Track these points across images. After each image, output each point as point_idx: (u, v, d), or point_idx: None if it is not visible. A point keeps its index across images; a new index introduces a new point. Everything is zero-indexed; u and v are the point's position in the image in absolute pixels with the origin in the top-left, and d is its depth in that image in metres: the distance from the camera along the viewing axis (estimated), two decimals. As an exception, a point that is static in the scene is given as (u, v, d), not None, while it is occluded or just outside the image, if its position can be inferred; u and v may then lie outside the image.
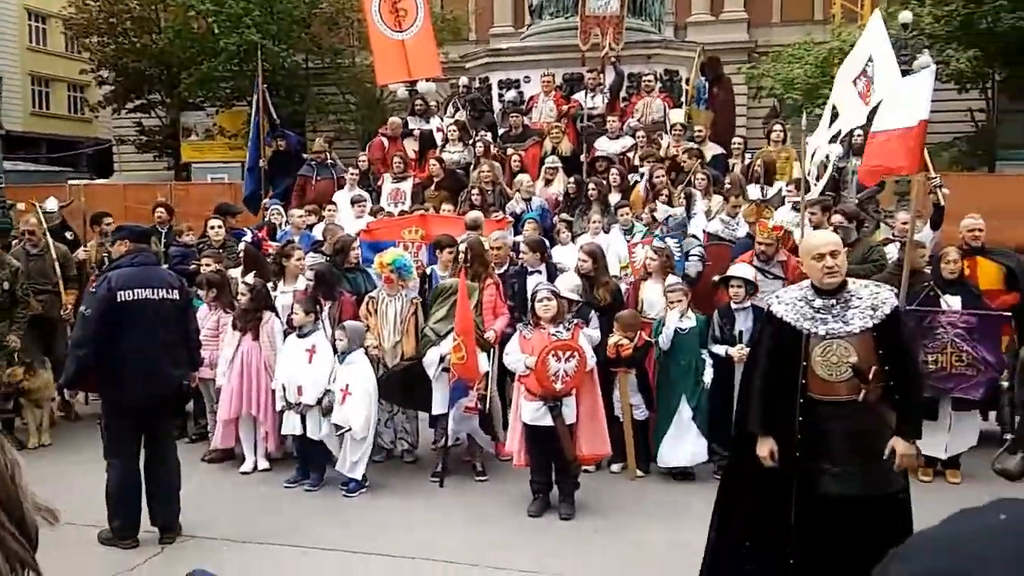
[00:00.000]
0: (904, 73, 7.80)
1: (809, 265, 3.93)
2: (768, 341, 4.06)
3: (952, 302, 6.39)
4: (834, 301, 3.87)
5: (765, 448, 3.90)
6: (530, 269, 7.32)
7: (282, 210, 9.99)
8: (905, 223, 7.57)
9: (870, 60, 7.23)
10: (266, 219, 10.02)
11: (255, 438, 6.93)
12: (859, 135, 9.46)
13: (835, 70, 20.17)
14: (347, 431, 6.27)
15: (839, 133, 8.24)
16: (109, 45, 25.09)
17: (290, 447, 6.99)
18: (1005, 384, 6.45)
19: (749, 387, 4.14)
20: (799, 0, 26.92)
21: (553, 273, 7.22)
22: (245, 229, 9.47)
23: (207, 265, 7.68)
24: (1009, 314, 6.42)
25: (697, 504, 5.88)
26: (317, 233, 9.03)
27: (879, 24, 7.48)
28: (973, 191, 12.13)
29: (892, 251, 7.54)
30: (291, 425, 6.53)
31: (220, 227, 8.79)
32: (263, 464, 6.90)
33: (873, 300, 3.85)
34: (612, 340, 6.32)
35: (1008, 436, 6.75)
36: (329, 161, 11.12)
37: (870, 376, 3.72)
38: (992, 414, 7.01)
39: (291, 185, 11.14)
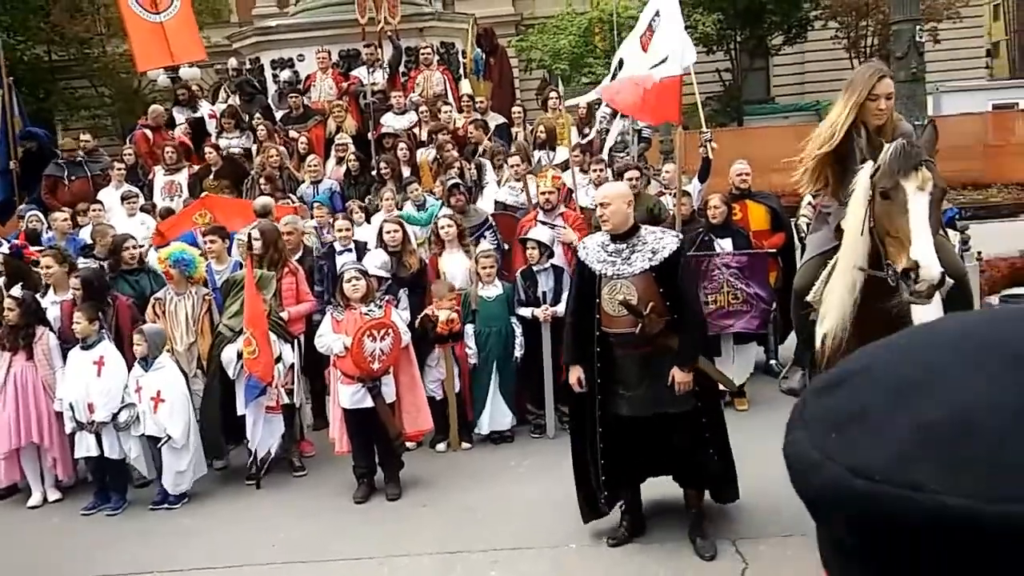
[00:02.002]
0: None
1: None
2: (577, 281, 4.67)
3: (724, 245, 6.93)
4: (624, 246, 4.39)
5: (573, 375, 4.56)
6: (339, 248, 7.13)
7: (42, 215, 9.06)
8: (670, 173, 8.15)
9: (657, 14, 7.66)
10: (23, 226, 9.04)
11: (41, 468, 6.29)
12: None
13: (596, 39, 21.36)
14: (166, 441, 5.83)
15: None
16: None
17: (83, 471, 6.41)
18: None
19: (565, 324, 4.76)
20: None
21: (363, 252, 7.07)
22: (0, 240, 8.50)
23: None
24: (774, 251, 7.08)
25: (517, 462, 6.06)
26: (85, 235, 8.27)
27: None
28: (726, 145, 13.18)
29: (669, 202, 8.06)
30: (85, 447, 5.96)
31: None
32: (54, 495, 6.28)
33: (655, 244, 4.37)
34: (443, 317, 6.26)
35: (773, 361, 7.51)
36: (82, 158, 10.16)
37: (645, 311, 4.26)
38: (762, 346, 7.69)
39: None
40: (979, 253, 8.29)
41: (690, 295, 4.65)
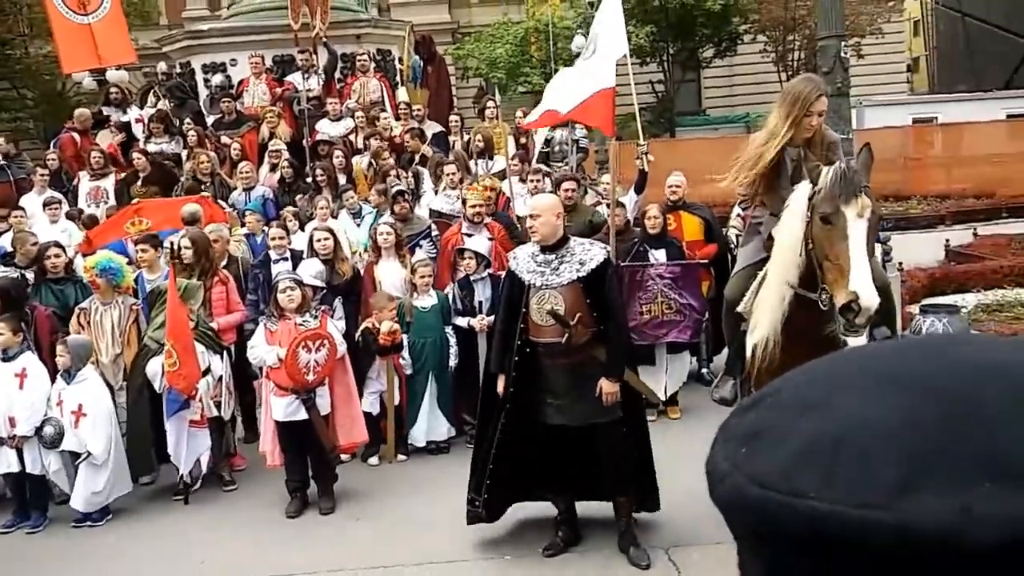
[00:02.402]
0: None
1: None
2: (507, 290, 4.68)
3: (659, 255, 7.04)
4: (553, 256, 4.45)
5: (500, 383, 4.57)
6: (275, 257, 7.00)
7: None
8: (606, 184, 8.27)
9: (595, 33, 7.82)
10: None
11: (-46, 484, 6.02)
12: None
13: (532, 48, 21.53)
14: (86, 457, 5.62)
15: None
16: None
17: (1, 487, 6.15)
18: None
19: (494, 333, 4.82)
20: (494, -19, 27.98)
21: (299, 260, 6.96)
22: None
23: None
24: (705, 262, 7.22)
25: (452, 472, 6.03)
26: (5, 243, 7.96)
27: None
28: (659, 156, 13.40)
29: (605, 212, 8.16)
30: (6, 463, 5.72)
31: None
32: (-31, 512, 6.01)
33: (583, 255, 4.44)
34: (384, 328, 6.16)
35: (705, 370, 7.67)
36: (4, 162, 9.82)
37: (572, 321, 4.32)
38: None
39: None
40: (900, 264, 8.60)
41: (616, 306, 4.70)
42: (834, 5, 7.91)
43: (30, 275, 6.90)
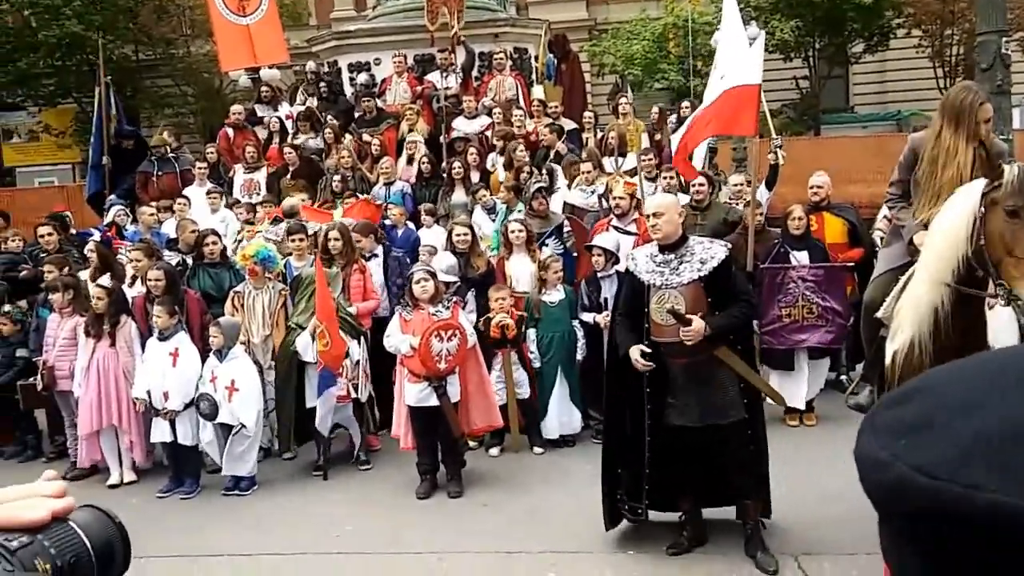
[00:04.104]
0: None
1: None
2: (625, 292, 4.68)
3: (800, 258, 6.82)
4: (673, 256, 4.41)
5: (635, 353, 4.39)
6: (368, 254, 7.25)
7: (126, 209, 9.47)
8: (737, 184, 8.07)
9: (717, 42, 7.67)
10: (108, 219, 9.46)
11: (119, 449, 6.57)
12: (686, 107, 10.11)
13: (671, 45, 21.21)
14: (240, 429, 6.04)
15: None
16: (-89, 44, 22.78)
17: (159, 455, 6.68)
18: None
19: (613, 329, 4.79)
20: (634, -23, 27.75)
21: (388, 257, 7.25)
22: (92, 229, 8.90)
23: (50, 271, 7.17)
24: (851, 265, 6.93)
25: (577, 467, 6.09)
26: (169, 230, 8.61)
27: (728, 6, 7.83)
28: (802, 154, 12.96)
29: (739, 210, 7.97)
30: (160, 432, 6.23)
31: (51, 233, 8.24)
32: (130, 476, 6.56)
33: (703, 254, 4.39)
34: (495, 320, 6.31)
35: (843, 377, 7.37)
36: (171, 155, 10.60)
37: (690, 319, 4.26)
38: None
39: (132, 184, 10.54)
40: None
41: (745, 292, 4.65)
42: (995, -1, 7.44)
43: (190, 260, 7.44)
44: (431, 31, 11.26)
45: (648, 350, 4.40)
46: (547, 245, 7.38)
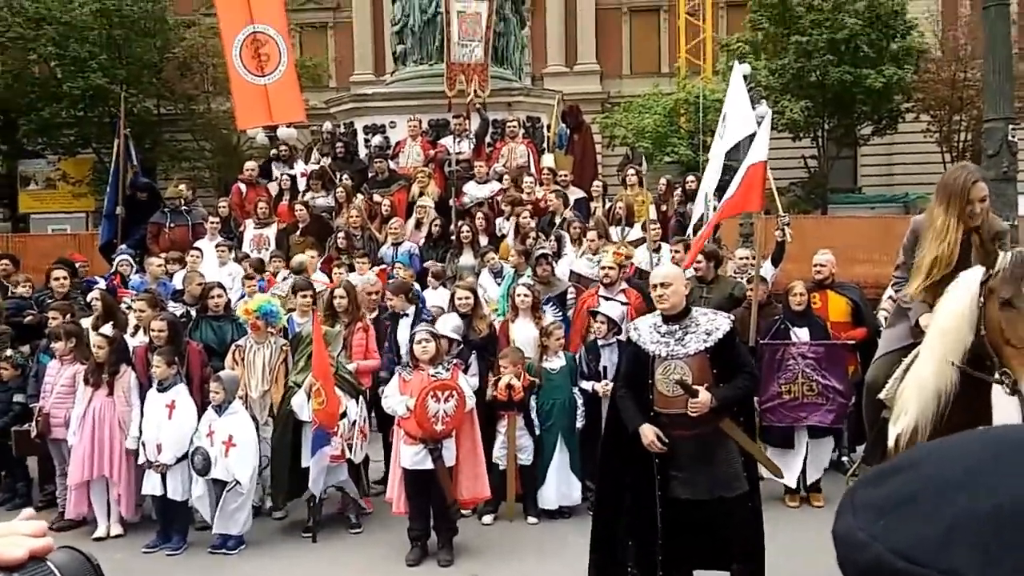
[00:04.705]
0: None
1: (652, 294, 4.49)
2: (627, 364, 4.62)
3: (801, 334, 6.79)
4: (677, 327, 4.38)
5: (649, 435, 4.29)
6: (400, 312, 7.26)
7: (131, 260, 9.56)
8: (743, 259, 8.10)
9: (725, 112, 7.80)
10: (114, 268, 9.54)
11: (108, 501, 6.48)
12: (692, 180, 10.25)
13: (681, 120, 21.57)
14: (234, 485, 5.96)
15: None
16: (-59, 89, 23.33)
17: (148, 509, 6.58)
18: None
19: (615, 400, 4.67)
20: (647, 54, 28.40)
21: (419, 317, 7.19)
22: (96, 278, 8.95)
23: (55, 318, 7.19)
24: (852, 342, 6.90)
25: (573, 539, 5.94)
26: (178, 281, 8.65)
27: (735, 77, 8.02)
28: (809, 233, 13.02)
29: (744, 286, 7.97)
30: (151, 486, 6.15)
31: (65, 278, 8.29)
32: (116, 529, 6.45)
33: (708, 326, 4.37)
34: (503, 381, 6.27)
35: (844, 458, 7.27)
36: (184, 208, 10.72)
37: (697, 391, 4.21)
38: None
39: (144, 235, 10.65)
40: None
41: (748, 363, 4.62)
42: (1002, 87, 7.58)
43: (194, 312, 7.46)
44: (449, 97, 11.48)
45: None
46: (545, 311, 7.38)
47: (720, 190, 8.10)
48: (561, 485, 6.52)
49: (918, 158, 24.27)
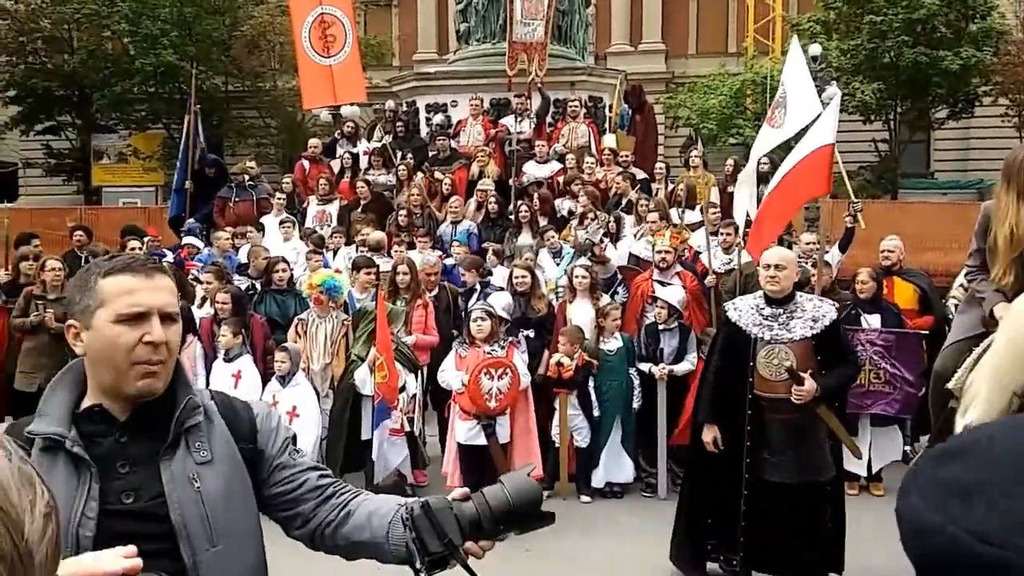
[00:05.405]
0: None
1: (761, 274, 4.43)
2: (722, 342, 4.58)
3: (872, 321, 6.64)
4: (781, 310, 4.34)
5: (709, 435, 4.44)
6: (472, 286, 7.35)
7: (198, 235, 9.81)
8: (809, 243, 7.92)
9: (783, 92, 7.61)
10: (183, 241, 9.80)
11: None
12: (765, 163, 9.97)
13: (748, 101, 21.15)
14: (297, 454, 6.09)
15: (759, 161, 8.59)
16: (19, 65, 24.15)
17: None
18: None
19: (704, 382, 4.67)
20: (714, 33, 27.86)
21: (484, 294, 7.25)
22: (164, 250, 9.22)
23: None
24: (925, 332, 6.71)
25: (625, 519, 5.98)
26: (242, 255, 8.85)
27: (795, 52, 7.82)
28: (878, 218, 12.68)
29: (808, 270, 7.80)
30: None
31: (139, 248, 8.55)
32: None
33: (815, 312, 4.33)
34: (554, 359, 6.28)
35: (907, 448, 7.09)
36: (249, 183, 10.93)
37: (803, 379, 4.17)
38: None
39: (211, 210, 10.91)
40: None
41: (853, 354, 4.68)
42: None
43: (259, 285, 7.62)
44: (510, 76, 11.45)
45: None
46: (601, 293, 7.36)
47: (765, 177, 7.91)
48: (611, 463, 6.52)
49: (995, 143, 23.36)
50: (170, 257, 8.56)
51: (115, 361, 1.54)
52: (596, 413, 6.48)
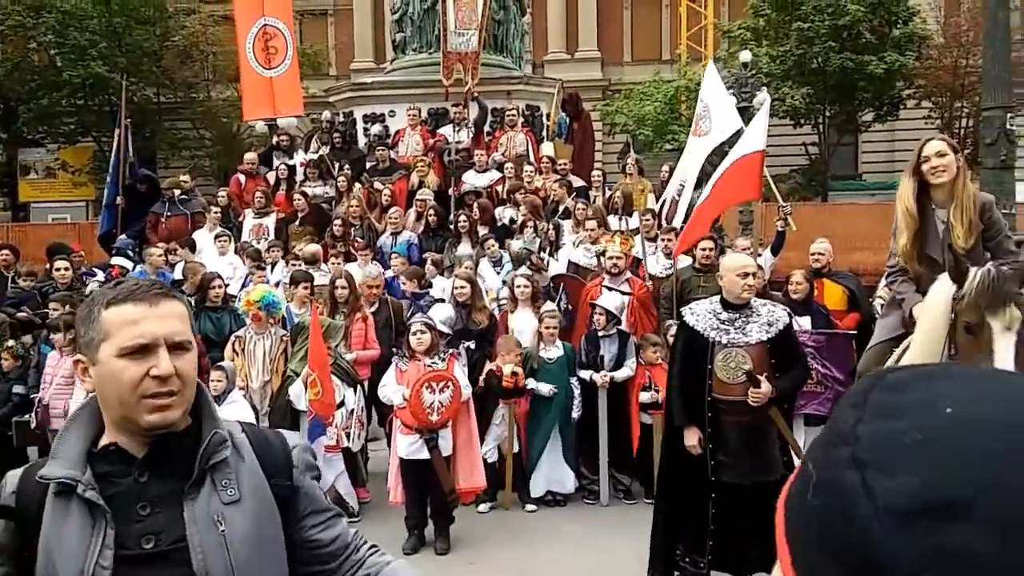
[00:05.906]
0: (744, 110, 8.48)
1: (732, 280, 4.45)
2: (681, 346, 4.64)
3: (803, 323, 6.79)
4: (738, 315, 4.44)
5: (693, 437, 4.45)
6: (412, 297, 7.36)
7: (129, 253, 9.58)
8: (746, 248, 8.10)
9: (705, 106, 7.85)
10: (111, 261, 9.56)
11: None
12: (665, 170, 10.30)
13: (682, 107, 21.50)
14: None
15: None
16: (-60, 77, 23.32)
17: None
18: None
19: (670, 387, 4.71)
20: (648, 41, 28.29)
21: (417, 307, 7.25)
22: (95, 269, 8.98)
23: (55, 309, 7.22)
24: (854, 332, 6.91)
25: (567, 527, 6.01)
26: (178, 272, 8.67)
27: (711, 73, 8.11)
28: (809, 220, 13.02)
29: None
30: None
31: (67, 269, 8.32)
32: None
33: (769, 317, 4.46)
34: (507, 369, 6.27)
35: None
36: (182, 196, 10.71)
37: (761, 381, 4.28)
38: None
39: (144, 226, 10.66)
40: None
41: (803, 355, 4.78)
42: (1000, 75, 7.56)
43: (193, 303, 7.47)
44: (446, 86, 11.46)
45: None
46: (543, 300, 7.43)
47: (699, 182, 8.14)
48: (552, 473, 6.56)
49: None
50: (100, 276, 8.34)
51: (122, 397, 1.45)
52: (548, 393, 6.47)
